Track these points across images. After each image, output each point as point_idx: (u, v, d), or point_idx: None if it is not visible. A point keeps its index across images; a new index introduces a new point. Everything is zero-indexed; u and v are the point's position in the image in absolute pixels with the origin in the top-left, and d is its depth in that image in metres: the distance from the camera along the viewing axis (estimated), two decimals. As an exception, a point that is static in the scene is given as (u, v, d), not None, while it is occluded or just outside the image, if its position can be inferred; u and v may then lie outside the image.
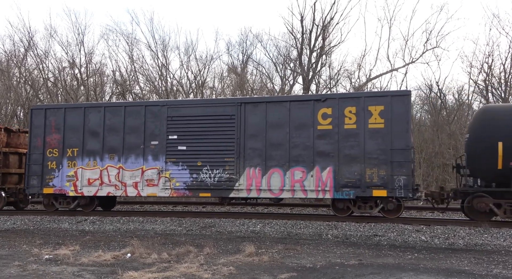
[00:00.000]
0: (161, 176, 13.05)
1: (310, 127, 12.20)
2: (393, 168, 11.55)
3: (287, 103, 12.48)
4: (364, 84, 26.71)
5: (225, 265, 7.17)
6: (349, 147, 11.91)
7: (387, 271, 6.92)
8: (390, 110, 11.73)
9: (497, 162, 10.95)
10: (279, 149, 12.37)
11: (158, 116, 13.25)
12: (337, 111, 12.05)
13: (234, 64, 30.68)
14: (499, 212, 11.09)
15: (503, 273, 6.84)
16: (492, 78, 24.15)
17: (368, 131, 11.82)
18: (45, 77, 29.39)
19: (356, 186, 11.79)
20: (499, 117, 11.35)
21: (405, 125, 11.64)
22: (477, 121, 11.85)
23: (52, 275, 6.73)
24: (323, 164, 12.02)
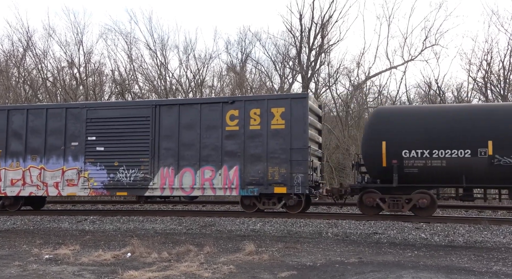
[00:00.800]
0: (80, 176, 13.55)
1: (219, 128, 12.81)
2: (292, 166, 12.24)
3: (198, 105, 13.09)
4: (363, 82, 26.69)
5: (225, 264, 7.17)
6: (254, 147, 12.56)
7: (387, 268, 6.93)
8: (290, 112, 12.38)
9: (381, 160, 11.67)
10: (191, 149, 12.93)
11: (78, 118, 13.70)
12: (243, 113, 12.69)
13: (233, 63, 30.66)
14: (384, 206, 11.86)
15: (503, 270, 6.85)
16: (491, 75, 24.16)
17: (270, 131, 12.48)
18: (44, 77, 29.35)
19: (259, 184, 12.45)
20: (385, 118, 12.18)
21: (303, 126, 12.33)
22: (368, 122, 12.78)
23: (52, 275, 6.73)
24: (231, 163, 12.66)
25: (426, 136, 11.47)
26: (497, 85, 24.28)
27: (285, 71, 28.33)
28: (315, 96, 27.00)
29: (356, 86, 26.54)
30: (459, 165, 11.17)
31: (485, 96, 24.27)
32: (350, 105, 25.47)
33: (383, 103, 26.76)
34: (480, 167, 11.07)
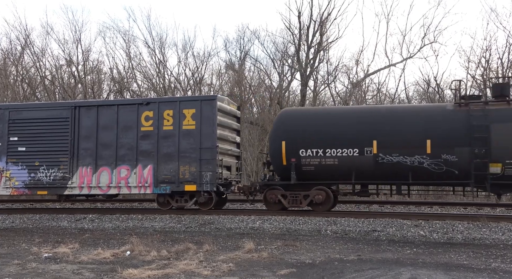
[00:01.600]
0: (2, 176, 13.79)
1: (135, 128, 13.24)
2: (202, 165, 12.76)
3: (115, 106, 13.49)
4: (362, 80, 26.70)
5: (225, 262, 7.18)
6: (167, 147, 13.03)
7: (386, 266, 6.94)
8: (200, 113, 12.92)
9: (282, 159, 12.43)
10: (108, 149, 13.34)
11: (2, 119, 13.92)
12: (157, 114, 13.13)
13: (232, 60, 30.64)
14: (285, 202, 12.55)
15: (501, 267, 6.87)
16: (489, 72, 24.17)
17: (182, 132, 12.97)
18: (42, 75, 29.30)
19: (171, 182, 12.92)
20: (286, 119, 12.97)
21: (212, 127, 12.85)
22: (273, 123, 13.69)
23: (51, 273, 6.73)
24: (145, 163, 13.10)
25: (320, 137, 12.26)
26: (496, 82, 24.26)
27: (284, 69, 28.33)
28: (314, 94, 27.02)
29: (355, 84, 26.54)
30: (349, 163, 11.98)
31: (484, 94, 24.28)
32: (349, 103, 25.48)
33: (381, 100, 26.77)
34: (367, 164, 11.88)
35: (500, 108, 11.47)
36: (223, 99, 13.91)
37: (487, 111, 11.40)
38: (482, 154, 11.11)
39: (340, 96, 27.09)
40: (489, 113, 11.35)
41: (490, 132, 11.16)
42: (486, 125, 11.20)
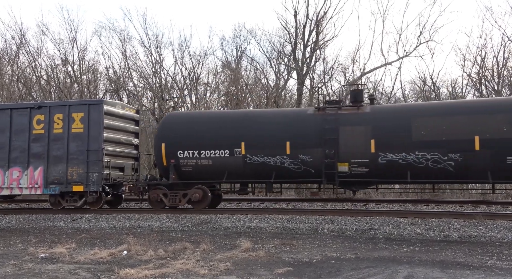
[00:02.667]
0: None
1: (27, 131, 13.84)
2: (89, 166, 13.47)
3: (9, 110, 14.07)
4: (358, 78, 26.74)
5: (222, 261, 7.18)
6: (57, 149, 13.68)
7: (382, 264, 6.96)
8: (88, 117, 13.61)
9: (162, 160, 13.24)
10: (2, 151, 13.91)
11: None
12: (48, 117, 13.74)
13: (228, 59, 30.62)
14: (166, 200, 13.27)
15: (497, 264, 6.90)
16: (485, 71, 24.28)
17: (71, 135, 13.65)
18: (38, 74, 29.18)
19: (60, 183, 13.60)
20: (167, 123, 13.75)
21: (99, 129, 13.54)
22: (158, 125, 14.51)
23: (48, 273, 6.71)
24: (36, 164, 13.73)
25: (196, 139, 13.05)
26: (491, 80, 24.40)
27: (280, 68, 28.34)
28: (311, 93, 27.03)
29: (351, 82, 26.56)
30: (222, 164, 12.79)
31: (479, 92, 24.38)
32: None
33: (378, 99, 26.81)
34: (237, 165, 12.71)
35: (348, 113, 12.47)
36: (115, 103, 14.94)
37: (338, 115, 12.39)
38: (331, 155, 12.01)
39: (336, 94, 27.11)
40: (339, 117, 12.34)
41: (339, 135, 12.06)
42: (336, 128, 12.12)
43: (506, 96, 22.05)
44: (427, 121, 11.55)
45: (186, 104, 28.84)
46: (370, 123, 12.01)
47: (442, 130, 11.33)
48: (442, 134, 11.30)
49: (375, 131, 11.79)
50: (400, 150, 11.49)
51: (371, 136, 11.74)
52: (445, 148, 11.20)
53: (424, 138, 11.42)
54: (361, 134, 11.90)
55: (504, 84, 24.20)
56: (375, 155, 11.67)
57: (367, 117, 12.19)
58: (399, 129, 11.68)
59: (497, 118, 11.02)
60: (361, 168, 11.88)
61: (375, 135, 11.74)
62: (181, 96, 28.88)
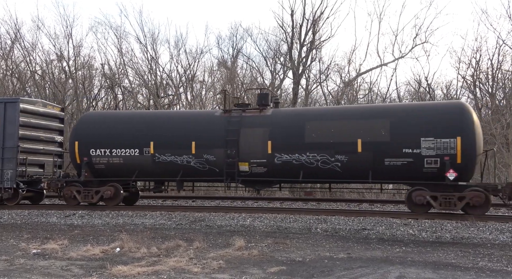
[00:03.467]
0: None
1: None
2: (4, 163, 13.82)
3: None
4: (354, 79, 26.82)
5: (215, 259, 7.18)
6: None
7: (375, 264, 6.99)
8: (3, 115, 13.89)
9: (76, 158, 13.72)
10: None
11: None
12: None
13: (224, 58, 30.59)
14: (79, 197, 13.72)
15: (488, 266, 6.95)
16: (479, 73, 24.41)
17: None
18: (32, 69, 29.02)
19: None
20: (81, 122, 14.30)
21: (14, 127, 13.89)
22: (73, 125, 15.47)
23: (39, 269, 6.68)
24: None
25: (108, 138, 13.53)
26: (486, 83, 24.55)
27: (276, 67, 28.36)
28: (306, 92, 27.06)
29: (347, 83, 26.64)
30: (132, 162, 13.31)
31: (473, 94, 24.53)
32: (341, 102, 25.57)
33: (373, 100, 26.91)
34: (146, 163, 13.25)
35: (251, 115, 13.07)
36: (34, 102, 15.20)
37: (241, 118, 12.98)
38: (233, 155, 12.58)
39: (332, 94, 27.19)
40: (242, 119, 12.93)
41: (240, 136, 12.64)
42: (237, 130, 12.71)
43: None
44: (317, 125, 12.33)
45: (182, 102, 28.81)
46: (268, 125, 12.68)
47: (330, 133, 12.11)
48: (330, 137, 12.08)
49: (272, 133, 12.49)
50: (293, 151, 12.23)
51: (268, 138, 12.44)
52: (333, 150, 11.97)
53: (314, 140, 12.16)
54: (260, 136, 12.59)
55: (498, 87, 24.37)
56: (271, 156, 12.36)
57: (267, 120, 12.86)
58: (293, 132, 12.41)
59: (377, 123, 11.84)
60: (260, 168, 12.55)
61: (272, 137, 12.45)
62: (177, 93, 28.83)
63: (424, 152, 11.31)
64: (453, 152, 11.15)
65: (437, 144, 11.25)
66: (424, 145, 11.31)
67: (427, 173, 11.42)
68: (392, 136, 11.57)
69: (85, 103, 29.01)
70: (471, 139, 11.16)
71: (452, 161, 11.11)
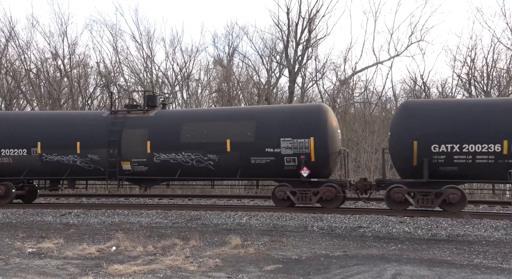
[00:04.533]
0: None
1: None
2: None
3: None
4: (349, 77, 26.84)
5: (211, 258, 7.18)
6: None
7: (371, 262, 7.01)
8: None
9: None
10: None
11: None
12: None
13: (220, 56, 30.53)
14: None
15: (483, 263, 6.99)
16: (474, 71, 24.51)
17: None
18: (27, 68, 28.84)
19: None
20: None
21: None
22: None
23: (35, 268, 6.66)
24: None
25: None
26: (481, 81, 24.65)
27: (272, 65, 28.30)
28: (302, 91, 27.07)
29: (342, 81, 26.66)
30: (21, 162, 13.77)
31: (468, 92, 24.62)
32: (336, 100, 25.60)
33: (369, 98, 26.96)
34: (35, 163, 13.73)
35: (134, 117, 13.71)
36: None
37: (125, 119, 13.62)
38: (115, 154, 13.21)
39: (328, 93, 27.22)
40: (126, 120, 13.57)
41: (121, 136, 13.27)
42: (120, 130, 13.34)
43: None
44: (192, 126, 13.11)
45: (177, 100, 28.75)
46: (149, 126, 13.38)
47: (203, 134, 12.90)
48: (203, 137, 12.86)
49: (151, 134, 13.19)
50: (170, 151, 12.96)
51: (148, 138, 13.14)
52: (205, 150, 12.75)
53: (189, 140, 12.91)
54: (140, 136, 13.27)
55: (493, 85, 24.47)
56: (151, 155, 13.05)
57: (148, 121, 13.55)
58: (170, 132, 13.14)
59: (244, 125, 12.74)
60: (141, 167, 13.23)
61: (151, 137, 13.14)
62: (172, 92, 28.76)
63: (284, 151, 12.28)
64: (307, 151, 12.16)
65: (294, 144, 12.24)
66: (283, 145, 12.29)
67: (288, 170, 12.38)
68: (256, 137, 12.51)
69: (80, 101, 28.90)
70: (324, 140, 12.18)
71: (307, 159, 12.12)
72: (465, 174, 11.34)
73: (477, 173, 11.29)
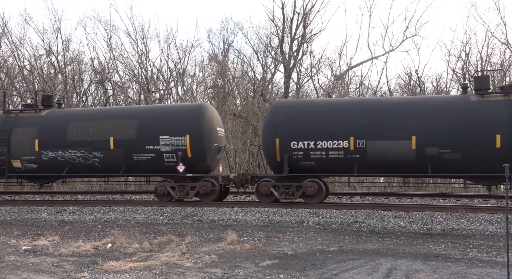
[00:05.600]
0: None
1: None
2: None
3: None
4: (345, 72, 26.87)
5: (207, 254, 7.18)
6: None
7: (366, 256, 7.04)
8: None
9: None
10: None
11: None
12: None
13: (215, 52, 30.45)
14: None
15: (478, 256, 7.04)
16: (469, 66, 24.60)
17: None
18: (20, 64, 28.65)
19: None
20: None
21: None
22: None
23: (30, 266, 6.63)
24: None
25: None
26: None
27: (267, 61, 28.28)
28: (298, 86, 27.07)
29: (338, 76, 26.68)
30: None
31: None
32: (332, 95, 25.62)
33: (364, 93, 26.99)
34: None
35: (26, 116, 14.22)
36: None
37: (15, 118, 14.15)
38: (5, 152, 13.76)
39: (323, 88, 27.23)
40: (17, 119, 14.09)
41: (11, 135, 13.82)
42: (10, 129, 13.88)
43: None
44: (79, 125, 13.72)
45: (173, 97, 28.66)
46: (37, 125, 13.92)
47: (89, 132, 13.48)
48: (88, 135, 13.45)
49: (39, 132, 13.76)
50: (57, 149, 13.54)
51: (36, 137, 13.70)
52: (91, 147, 13.36)
53: (75, 138, 13.52)
54: (29, 135, 13.81)
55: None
56: (39, 153, 13.63)
57: (38, 120, 14.09)
58: (57, 131, 13.69)
59: (126, 123, 13.38)
60: (31, 164, 13.74)
61: (39, 135, 13.70)
62: (167, 88, 28.66)
63: (163, 148, 12.96)
64: (184, 148, 12.86)
65: (172, 141, 12.93)
66: (162, 142, 12.96)
67: (169, 166, 13.03)
68: (138, 135, 13.18)
69: (75, 98, 28.76)
70: (200, 137, 12.89)
71: (184, 156, 12.84)
72: (322, 169, 12.27)
73: (331, 167, 12.25)
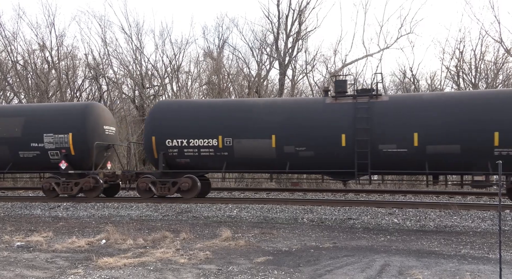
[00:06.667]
0: None
1: None
2: None
3: None
4: (339, 69, 26.88)
5: (202, 250, 7.18)
6: None
7: (360, 253, 7.08)
8: None
9: None
10: None
11: None
12: None
13: (210, 48, 30.33)
14: None
15: (470, 253, 7.09)
16: (463, 64, 24.71)
17: None
18: (14, 59, 28.40)
19: None
20: None
21: None
22: None
23: (24, 262, 6.60)
24: None
25: None
26: (469, 73, 24.86)
27: (263, 58, 28.22)
28: (293, 83, 27.05)
29: (333, 73, 26.68)
30: None
31: (457, 84, 24.82)
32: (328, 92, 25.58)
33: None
34: None
35: None
36: None
37: None
38: None
39: (318, 85, 27.24)
40: None
41: None
42: None
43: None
44: None
45: (167, 93, 28.56)
46: None
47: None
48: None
49: None
50: None
51: None
52: None
53: None
54: None
55: (481, 77, 24.69)
56: None
57: None
58: None
59: (13, 121, 13.83)
60: None
61: None
62: (162, 84, 28.55)
63: (47, 146, 13.54)
64: (67, 145, 13.49)
65: (55, 139, 13.53)
66: (46, 140, 13.54)
67: (54, 163, 13.61)
68: (23, 132, 13.70)
69: (69, 94, 28.58)
70: (83, 135, 13.49)
71: (68, 153, 13.47)
72: (196, 165, 12.90)
73: (204, 164, 12.86)
